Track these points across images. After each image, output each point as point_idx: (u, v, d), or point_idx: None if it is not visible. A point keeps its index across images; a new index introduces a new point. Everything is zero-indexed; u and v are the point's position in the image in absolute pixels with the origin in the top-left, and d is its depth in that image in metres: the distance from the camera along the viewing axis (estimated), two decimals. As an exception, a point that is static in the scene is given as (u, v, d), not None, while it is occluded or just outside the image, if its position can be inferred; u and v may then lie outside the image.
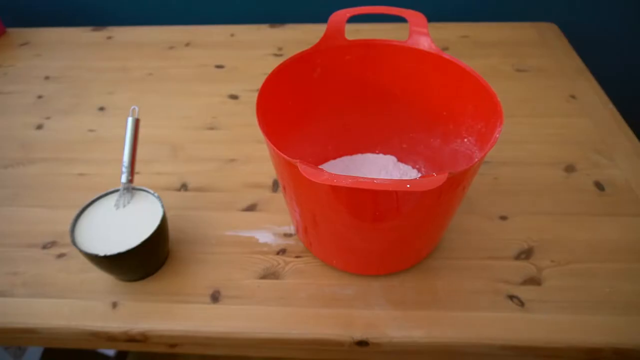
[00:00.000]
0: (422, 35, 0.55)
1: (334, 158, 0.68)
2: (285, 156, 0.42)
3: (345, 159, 0.68)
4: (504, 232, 0.59)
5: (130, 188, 0.56)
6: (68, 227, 0.52)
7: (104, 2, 1.09)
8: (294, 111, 0.59)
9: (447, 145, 0.60)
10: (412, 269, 0.55)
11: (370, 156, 0.68)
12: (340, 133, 0.66)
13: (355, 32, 0.95)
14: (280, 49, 0.97)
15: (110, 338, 0.52)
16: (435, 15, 1.00)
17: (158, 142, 0.75)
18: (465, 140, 0.56)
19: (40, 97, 0.87)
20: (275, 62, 0.56)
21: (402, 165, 0.66)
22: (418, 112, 0.61)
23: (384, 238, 0.49)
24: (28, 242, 0.61)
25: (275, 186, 0.67)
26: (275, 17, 1.06)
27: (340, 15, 0.57)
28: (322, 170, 0.39)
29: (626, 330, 0.49)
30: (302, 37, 1.01)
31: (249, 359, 0.94)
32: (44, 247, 0.60)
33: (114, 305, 0.53)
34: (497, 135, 0.44)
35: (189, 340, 0.52)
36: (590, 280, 0.53)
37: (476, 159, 0.53)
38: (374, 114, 0.65)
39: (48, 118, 0.82)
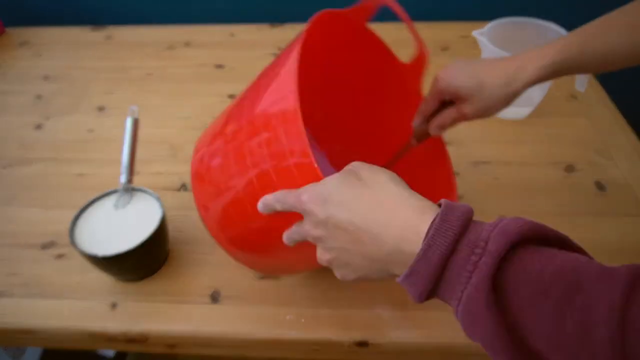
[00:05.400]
0: None
1: None
2: None
3: None
4: (504, 232, 0.59)
5: (130, 188, 0.56)
6: (67, 228, 0.52)
7: (104, 2, 1.09)
8: None
9: None
10: (412, 269, 0.55)
11: None
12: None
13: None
14: (280, 49, 0.97)
15: (109, 339, 0.52)
16: (435, 15, 1.00)
17: (158, 142, 0.75)
18: None
19: (39, 97, 0.87)
20: (275, 62, 0.55)
21: None
22: None
23: None
24: (27, 242, 0.61)
25: (274, 186, 0.67)
26: (276, 17, 1.06)
27: None
28: None
29: (626, 330, 0.49)
30: (301, 37, 1.01)
31: None
32: (43, 247, 0.60)
33: (113, 305, 0.53)
34: None
35: (188, 340, 0.52)
36: (591, 281, 0.53)
37: None
38: None
39: (47, 118, 0.82)
